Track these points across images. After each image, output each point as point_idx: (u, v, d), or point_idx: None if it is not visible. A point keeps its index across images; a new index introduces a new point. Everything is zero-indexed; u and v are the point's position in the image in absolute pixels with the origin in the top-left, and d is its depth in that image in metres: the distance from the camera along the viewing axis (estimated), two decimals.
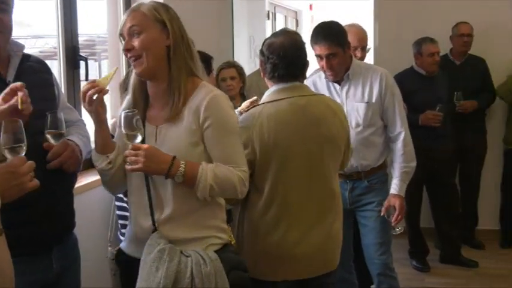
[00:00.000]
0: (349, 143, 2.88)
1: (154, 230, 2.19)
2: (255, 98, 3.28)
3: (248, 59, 6.37)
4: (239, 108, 3.59)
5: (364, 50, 4.23)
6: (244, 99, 4.41)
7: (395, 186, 3.46)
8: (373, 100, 3.42)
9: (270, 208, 2.62)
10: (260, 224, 2.64)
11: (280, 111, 2.62)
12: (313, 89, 3.54)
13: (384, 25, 5.83)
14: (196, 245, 2.19)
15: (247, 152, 2.56)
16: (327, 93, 3.50)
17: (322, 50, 3.30)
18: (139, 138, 2.12)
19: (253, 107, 2.73)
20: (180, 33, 2.24)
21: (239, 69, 4.46)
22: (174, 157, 2.13)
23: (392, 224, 3.47)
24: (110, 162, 2.20)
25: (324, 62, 3.33)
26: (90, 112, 2.15)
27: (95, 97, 2.12)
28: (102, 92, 2.13)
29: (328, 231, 2.73)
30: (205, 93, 2.22)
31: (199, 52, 3.89)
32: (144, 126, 2.21)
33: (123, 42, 2.22)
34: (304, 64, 2.75)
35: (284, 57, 2.65)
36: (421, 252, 5.21)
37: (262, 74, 2.79)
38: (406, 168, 3.48)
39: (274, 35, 2.79)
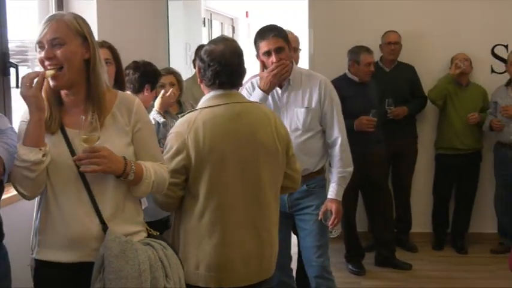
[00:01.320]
0: (291, 151, 2.88)
1: (104, 227, 2.21)
2: None
3: (184, 66, 6.34)
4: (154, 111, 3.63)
5: (296, 51, 4.25)
6: (181, 106, 4.40)
7: (332, 190, 3.52)
8: (313, 105, 3.46)
9: (204, 214, 2.61)
10: (195, 231, 2.63)
11: (216, 117, 2.62)
12: (254, 92, 3.60)
13: (318, 33, 5.91)
14: (134, 239, 2.28)
15: (182, 157, 2.57)
16: (270, 100, 3.54)
17: (270, 43, 3.35)
18: (98, 141, 2.16)
19: (188, 112, 2.71)
20: (96, 47, 2.28)
21: (178, 76, 4.44)
22: (124, 157, 2.22)
23: (329, 228, 3.52)
24: (44, 155, 2.15)
25: (272, 57, 3.37)
26: (29, 97, 2.12)
27: (35, 80, 2.11)
28: (43, 76, 2.14)
29: (265, 238, 2.73)
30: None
31: (150, 64, 3.89)
32: (64, 131, 2.24)
33: (39, 49, 2.21)
34: (244, 72, 2.77)
35: (226, 65, 2.65)
36: (357, 256, 5.28)
37: (199, 80, 2.78)
38: (343, 173, 3.53)
39: (214, 42, 2.78)
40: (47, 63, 2.18)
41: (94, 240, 2.21)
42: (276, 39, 3.35)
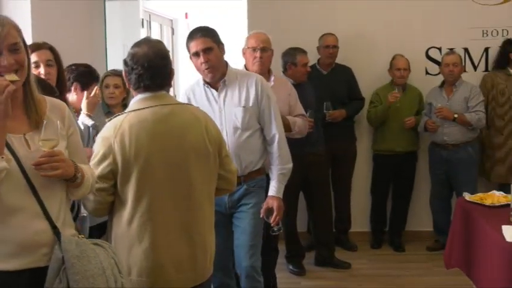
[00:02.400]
0: (224, 152, 2.87)
1: (56, 231, 2.19)
2: None
3: (122, 68, 6.25)
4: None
5: (264, 51, 4.20)
6: (125, 109, 4.33)
7: (273, 188, 3.54)
8: (250, 104, 3.48)
9: (134, 219, 2.58)
10: (125, 236, 2.60)
11: (142, 121, 2.58)
12: (192, 97, 3.59)
13: None
14: None
15: (109, 162, 2.53)
16: (205, 100, 3.54)
17: (198, 44, 3.35)
18: (57, 145, 2.16)
19: (115, 116, 2.67)
20: (28, 50, 2.27)
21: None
22: (72, 160, 2.24)
23: (272, 225, 3.53)
24: (7, 161, 2.10)
25: (201, 58, 3.36)
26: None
27: (10, 87, 2.07)
28: (17, 84, 2.13)
29: (197, 241, 2.69)
30: (61, 103, 2.39)
31: (83, 65, 3.82)
32: None
33: None
34: (170, 73, 2.72)
35: (149, 67, 2.61)
36: (297, 256, 5.32)
37: (127, 84, 2.75)
38: (283, 170, 3.56)
39: (137, 44, 2.71)
40: (2, 69, 2.13)
41: (45, 245, 2.18)
42: (203, 40, 3.35)
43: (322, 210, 5.35)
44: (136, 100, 2.68)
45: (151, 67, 2.62)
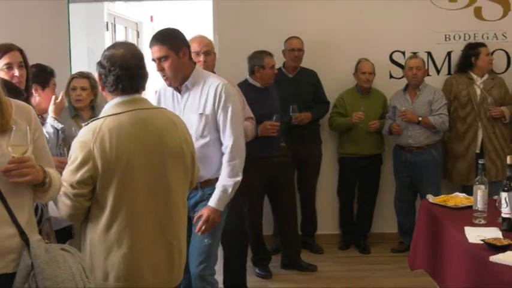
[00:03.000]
0: (194, 157, 2.88)
1: (24, 237, 2.18)
2: None
3: (87, 70, 6.19)
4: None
5: (207, 55, 4.19)
6: (93, 111, 4.32)
7: (212, 197, 3.40)
8: (207, 111, 3.42)
9: (113, 224, 2.56)
10: (103, 241, 2.58)
11: (121, 125, 2.57)
12: (162, 96, 3.60)
13: (223, 37, 5.93)
14: None
15: (88, 167, 2.50)
16: (170, 102, 3.53)
17: (154, 52, 3.32)
18: (27, 150, 2.15)
19: (92, 120, 2.65)
20: None
21: (92, 81, 4.37)
22: (40, 165, 2.24)
23: (198, 234, 3.40)
24: None
25: (156, 65, 3.33)
26: None
27: None
28: None
29: (174, 245, 2.71)
30: (27, 106, 2.36)
31: (40, 66, 3.78)
32: None
33: None
34: (146, 76, 2.73)
35: (128, 69, 2.62)
36: (264, 260, 5.32)
37: (101, 87, 2.73)
38: (229, 181, 3.41)
39: (113, 46, 2.73)
40: None
41: (13, 251, 2.16)
42: (159, 48, 3.30)
43: (287, 213, 5.36)
44: (113, 104, 2.66)
45: (130, 69, 2.62)
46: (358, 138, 5.71)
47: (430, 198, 4.08)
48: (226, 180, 3.41)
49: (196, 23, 7.36)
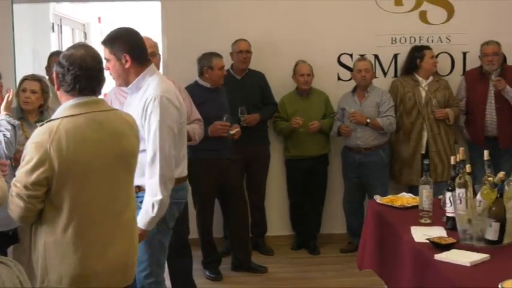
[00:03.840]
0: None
1: None
2: None
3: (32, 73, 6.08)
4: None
5: (152, 56, 4.12)
6: (42, 115, 4.25)
7: (138, 217, 3.08)
8: (137, 120, 3.18)
9: (69, 226, 2.53)
10: (59, 244, 2.54)
11: (78, 127, 2.55)
12: (114, 96, 3.61)
13: (172, 39, 5.91)
14: None
15: (44, 169, 2.47)
16: (118, 103, 3.53)
17: (103, 53, 3.26)
18: None
19: (48, 121, 2.59)
20: None
21: (44, 85, 4.30)
22: None
23: None
24: None
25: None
26: None
27: None
28: None
29: (130, 246, 2.73)
30: None
31: None
32: None
33: None
34: (103, 80, 2.72)
35: (87, 69, 2.60)
36: (214, 262, 5.32)
37: (56, 87, 2.68)
38: (149, 201, 3.18)
39: (73, 47, 2.73)
40: None
41: None
42: (104, 49, 3.24)
43: (238, 215, 5.36)
44: (69, 105, 2.62)
45: (89, 69, 2.61)
46: (300, 140, 5.76)
47: (378, 198, 4.13)
48: (147, 200, 3.20)
49: (145, 24, 7.29)
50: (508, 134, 5.69)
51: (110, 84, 3.37)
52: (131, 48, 3.23)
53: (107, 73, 2.97)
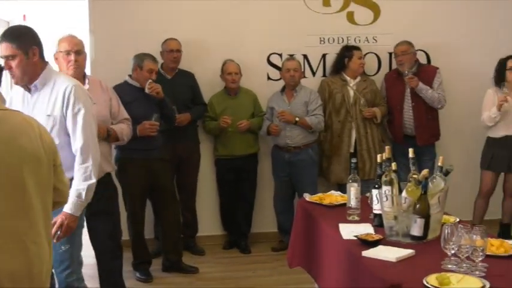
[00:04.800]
0: (58, 161, 2.75)
1: None
2: None
3: None
4: None
5: (78, 54, 4.03)
6: None
7: (67, 203, 3.19)
8: (55, 113, 3.33)
9: None
10: None
11: None
12: (14, 96, 3.48)
13: (100, 38, 5.80)
14: None
15: None
16: (20, 102, 3.42)
17: (2, 50, 3.19)
18: None
19: None
20: None
21: None
22: None
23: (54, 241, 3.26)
24: None
25: (4, 63, 3.21)
26: None
27: None
28: None
29: (34, 252, 2.50)
30: None
31: None
32: None
33: None
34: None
35: None
36: (144, 263, 5.26)
37: None
38: (81, 185, 3.29)
39: None
40: None
41: None
42: (6, 46, 3.17)
43: (170, 215, 5.31)
44: None
45: None
46: (229, 140, 5.77)
47: (307, 196, 4.18)
48: (79, 184, 3.29)
49: (72, 23, 7.14)
50: (425, 131, 5.87)
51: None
52: (39, 41, 3.24)
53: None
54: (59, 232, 3.27)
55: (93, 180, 3.32)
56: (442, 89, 5.86)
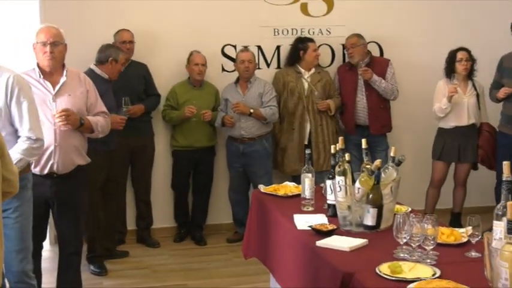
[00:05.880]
0: (5, 151, 2.69)
1: None
2: None
3: None
4: None
5: (54, 45, 3.87)
6: None
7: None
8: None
9: None
10: None
11: None
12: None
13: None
14: None
15: None
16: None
17: None
18: None
19: None
20: None
21: None
22: None
23: (13, 234, 3.33)
24: None
25: None
26: None
27: None
28: None
29: None
30: None
31: None
32: None
33: None
34: None
35: None
36: (99, 257, 5.21)
37: None
38: (25, 156, 3.35)
39: None
40: None
41: None
42: None
43: (113, 206, 5.38)
44: None
45: None
46: (191, 130, 5.74)
47: (262, 187, 4.18)
48: (22, 151, 3.35)
49: (23, 15, 6.98)
50: (378, 121, 5.94)
51: None
52: None
53: None
54: None
55: (30, 159, 3.40)
56: (395, 81, 5.94)
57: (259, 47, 6.13)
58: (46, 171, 3.81)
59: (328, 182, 3.42)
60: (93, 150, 4.74)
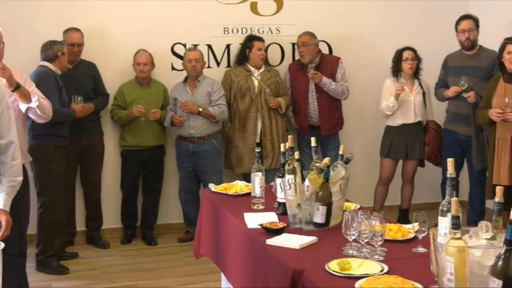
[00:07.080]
0: None
1: None
2: None
3: None
4: None
5: None
6: None
7: (2, 201, 3.18)
8: None
9: None
10: None
11: None
12: None
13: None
14: None
15: None
16: None
17: None
18: None
19: None
20: None
21: None
22: None
23: None
24: None
25: None
26: None
27: None
28: None
29: None
30: None
31: None
32: None
33: None
34: None
35: None
36: (50, 257, 5.11)
37: None
38: (13, 182, 3.24)
39: None
40: None
41: None
42: None
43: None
44: None
45: None
46: (140, 130, 5.72)
47: (212, 187, 4.18)
48: (11, 181, 3.22)
49: None
50: (329, 121, 6.00)
51: None
52: None
53: None
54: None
55: (21, 178, 3.31)
56: (345, 80, 6.00)
57: (209, 46, 6.12)
58: None
59: (278, 181, 3.43)
60: (50, 146, 4.74)
